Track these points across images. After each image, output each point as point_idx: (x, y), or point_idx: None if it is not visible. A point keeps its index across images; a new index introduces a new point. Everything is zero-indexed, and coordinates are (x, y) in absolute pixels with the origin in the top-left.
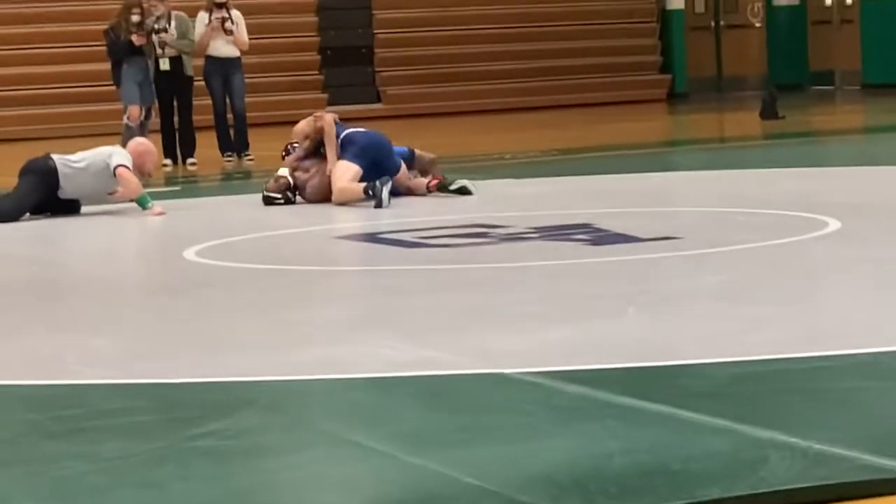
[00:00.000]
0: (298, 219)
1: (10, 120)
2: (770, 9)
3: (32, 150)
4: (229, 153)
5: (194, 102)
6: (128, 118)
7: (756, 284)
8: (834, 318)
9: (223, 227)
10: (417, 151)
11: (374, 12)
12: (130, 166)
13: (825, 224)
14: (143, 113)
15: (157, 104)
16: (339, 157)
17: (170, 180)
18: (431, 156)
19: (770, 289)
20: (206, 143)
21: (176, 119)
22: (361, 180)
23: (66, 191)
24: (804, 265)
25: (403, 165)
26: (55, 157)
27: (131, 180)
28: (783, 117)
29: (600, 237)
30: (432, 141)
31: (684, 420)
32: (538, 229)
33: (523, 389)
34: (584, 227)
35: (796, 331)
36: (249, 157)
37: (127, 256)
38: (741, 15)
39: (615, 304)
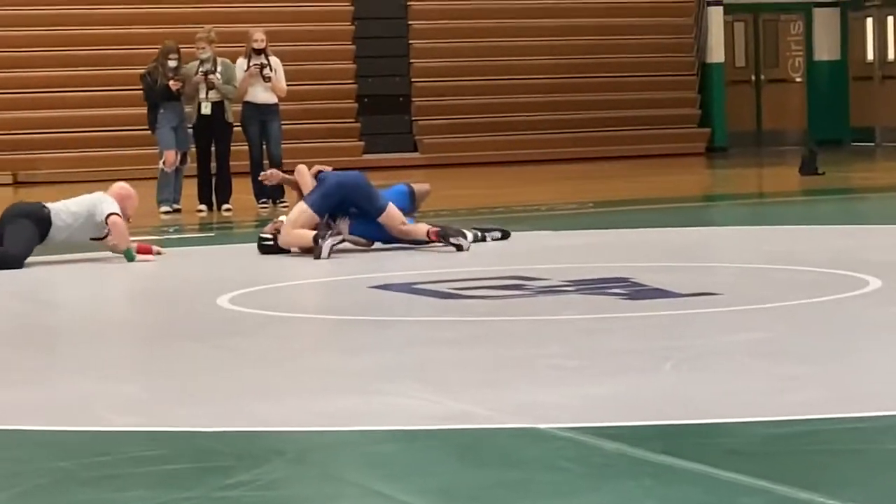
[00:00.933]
0: (335, 268)
1: (47, 163)
2: (811, 63)
3: (68, 194)
4: (265, 200)
5: (232, 147)
6: (163, 163)
7: (794, 343)
8: (872, 377)
9: (258, 274)
10: (415, 186)
11: (411, 61)
12: (121, 214)
13: (865, 283)
14: (179, 158)
15: (193, 149)
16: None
17: (204, 226)
18: (426, 187)
19: (808, 347)
20: (242, 190)
21: (213, 165)
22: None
23: (51, 241)
24: (843, 324)
25: (393, 209)
26: (51, 206)
27: (124, 231)
28: (823, 173)
29: (637, 292)
30: (468, 191)
31: (720, 479)
32: (575, 283)
33: (558, 445)
34: (621, 281)
35: (834, 390)
36: (284, 204)
37: (159, 302)
38: (782, 69)
39: (651, 359)
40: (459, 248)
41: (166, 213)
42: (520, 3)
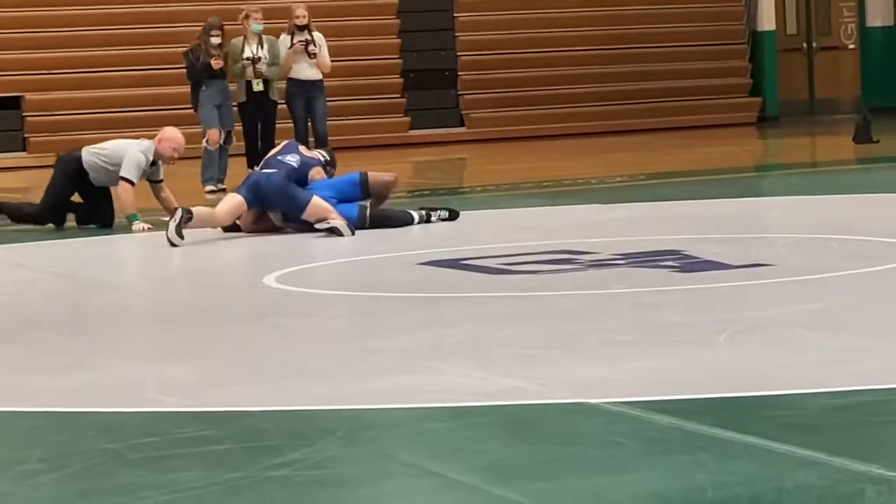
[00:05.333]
0: (383, 244)
1: (89, 143)
2: (864, 30)
3: None
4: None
5: (277, 125)
6: (206, 142)
7: (850, 313)
8: None
9: (304, 252)
10: (372, 174)
11: (457, 34)
12: (135, 179)
13: None
14: (223, 136)
15: (236, 127)
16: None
17: None
18: (388, 178)
19: (865, 318)
20: None
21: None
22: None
23: (98, 181)
24: None
25: (315, 204)
26: (85, 153)
27: (123, 197)
28: (877, 141)
29: (689, 264)
30: (517, 165)
31: (776, 452)
32: (625, 256)
33: (611, 420)
34: (672, 253)
35: (891, 361)
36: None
37: (206, 282)
38: (834, 36)
39: (705, 333)
40: (338, 232)
41: (211, 192)
42: None
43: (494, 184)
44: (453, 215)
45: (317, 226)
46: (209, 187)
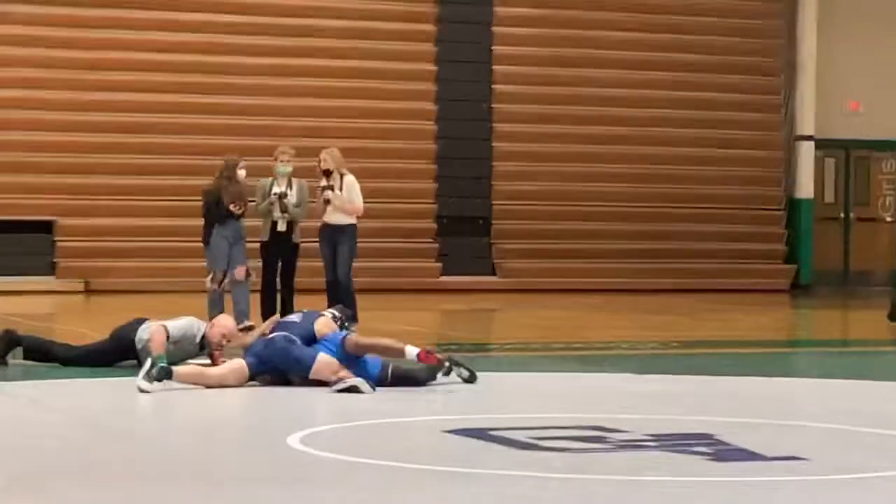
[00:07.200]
0: (409, 406)
1: (119, 270)
2: None
3: (136, 302)
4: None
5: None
6: (210, 280)
7: None
8: None
9: (328, 408)
10: (351, 339)
11: (493, 183)
12: (172, 332)
13: None
14: (225, 277)
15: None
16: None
17: None
18: (360, 341)
19: None
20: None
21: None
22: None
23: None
24: None
25: (322, 362)
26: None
27: (155, 337)
28: None
29: (722, 452)
30: (547, 322)
31: None
32: (657, 437)
33: None
34: (705, 438)
35: None
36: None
37: (228, 437)
38: (872, 207)
39: None
40: (357, 390)
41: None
42: (605, 130)
43: (524, 342)
44: (472, 378)
45: (334, 388)
46: None
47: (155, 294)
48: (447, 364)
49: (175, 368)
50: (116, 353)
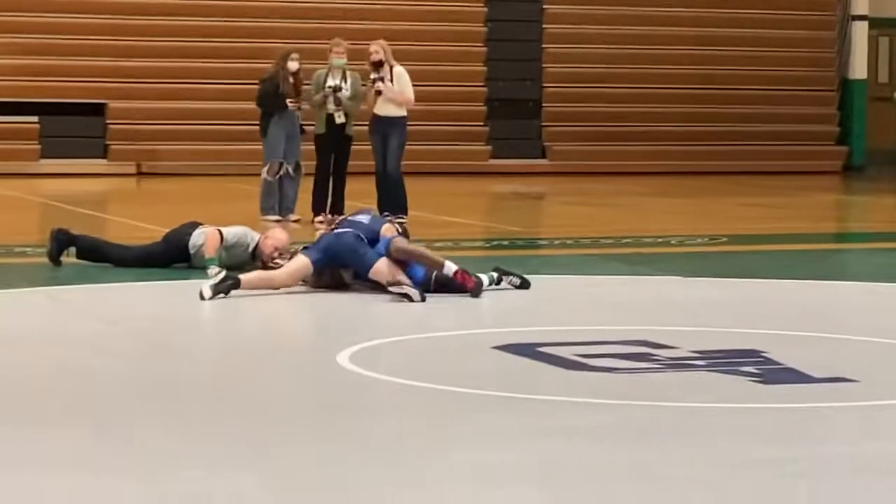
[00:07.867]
0: (455, 318)
1: (168, 154)
2: None
3: (187, 185)
4: (385, 213)
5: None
6: (266, 171)
7: None
8: None
9: (374, 323)
10: (398, 243)
11: (544, 65)
12: (227, 237)
13: None
14: (293, 166)
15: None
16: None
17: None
18: (401, 244)
19: None
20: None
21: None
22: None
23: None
24: None
25: (382, 265)
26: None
27: (209, 241)
28: None
29: (770, 372)
30: (596, 208)
31: None
32: (704, 354)
33: None
34: (752, 355)
35: None
36: (401, 221)
37: (275, 355)
38: None
39: (770, 473)
40: (409, 298)
41: (275, 220)
42: (656, 11)
43: (573, 237)
44: (525, 284)
45: (390, 289)
46: (269, 217)
47: (205, 177)
48: (496, 274)
49: (242, 277)
50: (169, 256)
